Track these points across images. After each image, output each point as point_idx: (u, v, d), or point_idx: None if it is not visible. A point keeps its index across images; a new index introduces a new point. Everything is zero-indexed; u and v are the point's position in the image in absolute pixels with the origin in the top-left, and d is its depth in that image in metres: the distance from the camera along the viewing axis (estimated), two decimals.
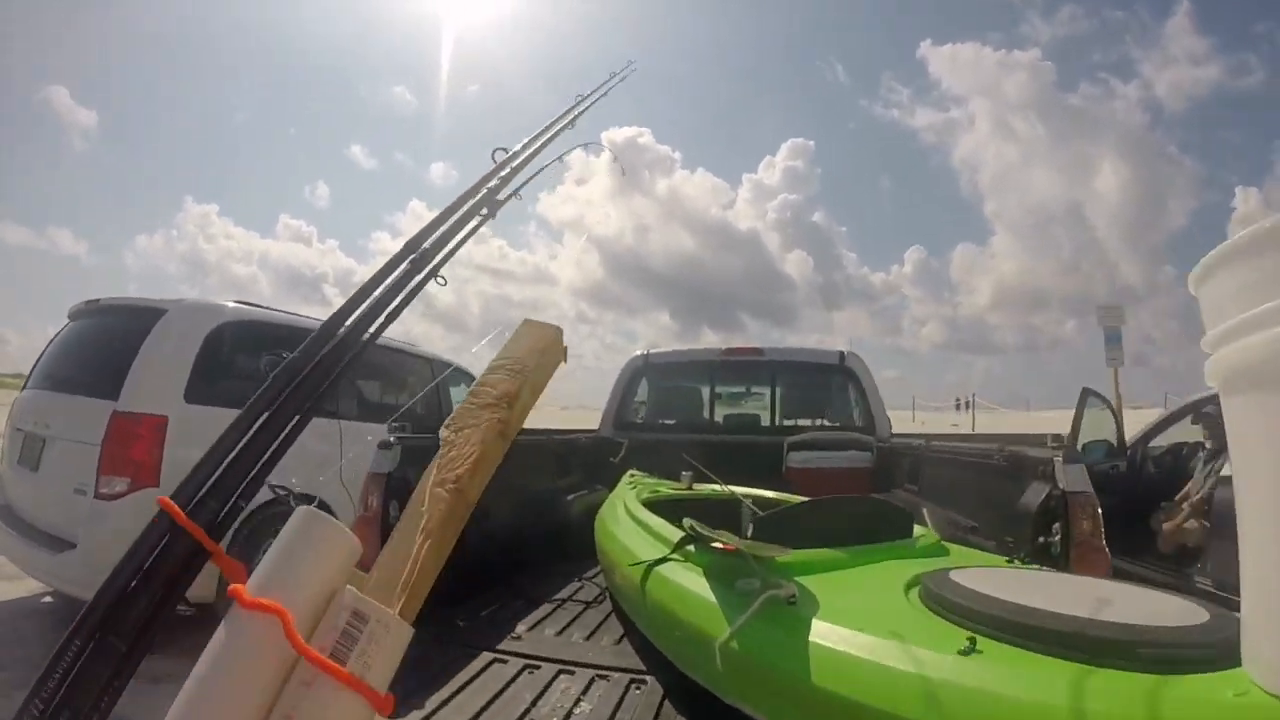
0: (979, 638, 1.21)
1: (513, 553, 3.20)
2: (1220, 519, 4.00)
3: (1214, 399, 5.00)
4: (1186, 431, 5.21)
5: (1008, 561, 1.97)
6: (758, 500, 2.96)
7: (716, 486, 3.28)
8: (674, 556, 1.96)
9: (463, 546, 0.92)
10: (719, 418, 5.37)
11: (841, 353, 5.12)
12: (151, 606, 0.73)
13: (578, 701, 1.84)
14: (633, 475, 3.82)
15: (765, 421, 5.40)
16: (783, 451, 4.63)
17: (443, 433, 0.97)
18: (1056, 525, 2.14)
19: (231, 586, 0.70)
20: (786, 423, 5.27)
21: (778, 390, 5.34)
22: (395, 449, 2.60)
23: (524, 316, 1.13)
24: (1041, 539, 2.16)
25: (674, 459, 3.76)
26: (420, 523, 0.85)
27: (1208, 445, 4.77)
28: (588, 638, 2.35)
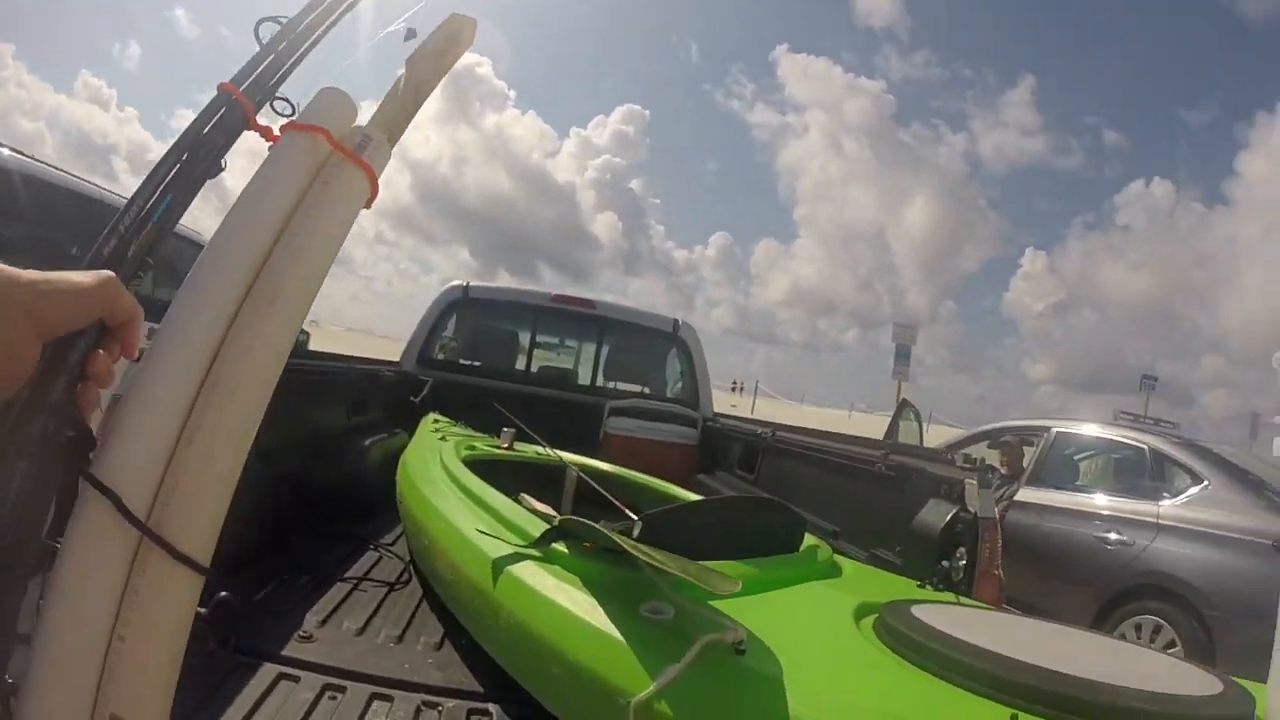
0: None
1: (293, 509, 2.51)
2: (1009, 543, 4.23)
3: (1013, 430, 5.42)
4: (981, 453, 5.50)
5: (919, 586, 1.80)
6: (588, 471, 2.64)
7: (540, 449, 2.91)
8: (531, 552, 1.53)
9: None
10: (535, 368, 4.96)
11: (676, 320, 4.88)
12: None
13: None
14: (437, 421, 3.33)
15: (584, 380, 5.10)
16: (602, 415, 4.36)
17: None
18: (962, 550, 2.00)
19: None
20: (607, 384, 4.99)
21: (603, 349, 5.03)
22: None
23: None
24: (944, 562, 2.01)
25: (481, 407, 3.38)
26: None
27: (1003, 471, 5.05)
28: (399, 639, 1.80)
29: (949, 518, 2.10)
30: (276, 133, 0.74)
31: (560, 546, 1.50)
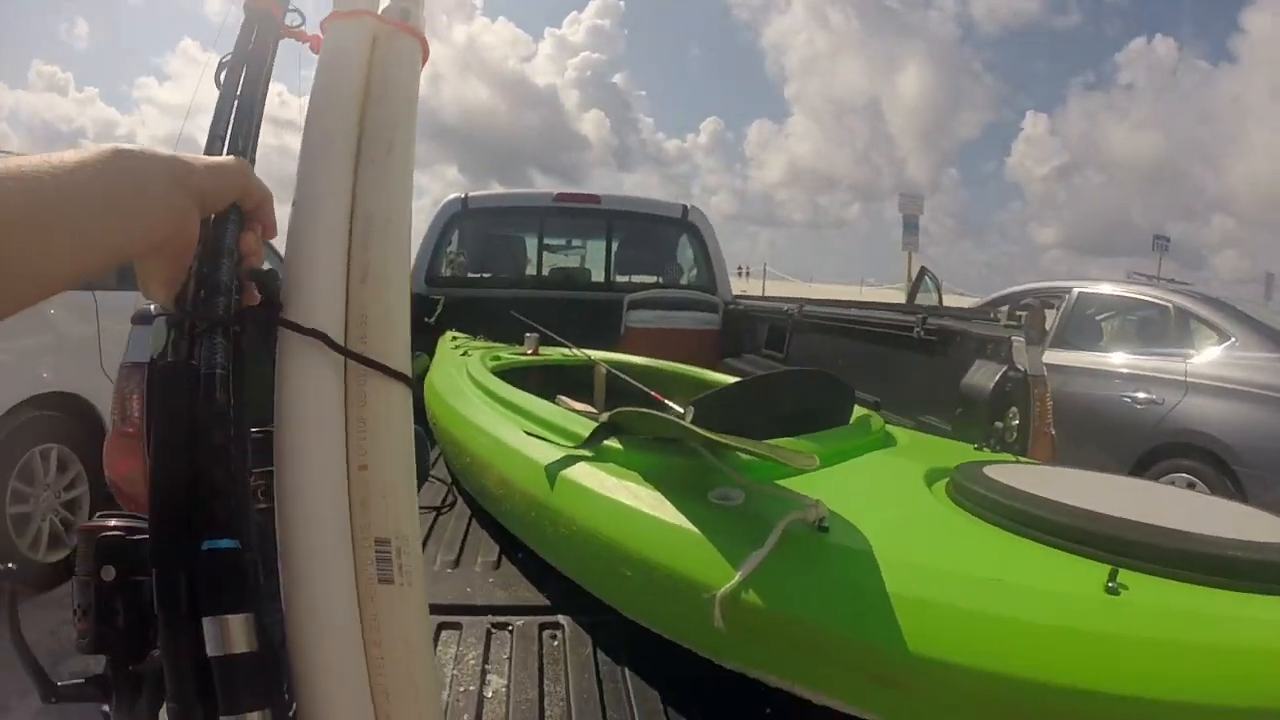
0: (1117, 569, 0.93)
1: None
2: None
3: (1034, 293, 5.37)
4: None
5: (976, 449, 1.74)
6: (618, 365, 2.62)
7: (566, 351, 2.87)
8: (583, 453, 1.47)
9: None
10: (546, 271, 4.91)
11: (685, 206, 4.75)
12: None
13: (485, 673, 1.27)
14: (455, 338, 3.29)
15: (598, 277, 5.04)
16: (621, 310, 4.32)
17: None
18: (1014, 409, 1.99)
19: None
20: (622, 279, 4.94)
21: (613, 244, 4.93)
22: (160, 324, 1.84)
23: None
24: (998, 424, 2.01)
25: (498, 318, 3.34)
26: None
27: None
28: (455, 563, 1.73)
29: (998, 377, 2.09)
30: (313, 33, 0.78)
31: (613, 443, 1.45)
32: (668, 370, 2.84)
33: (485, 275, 4.82)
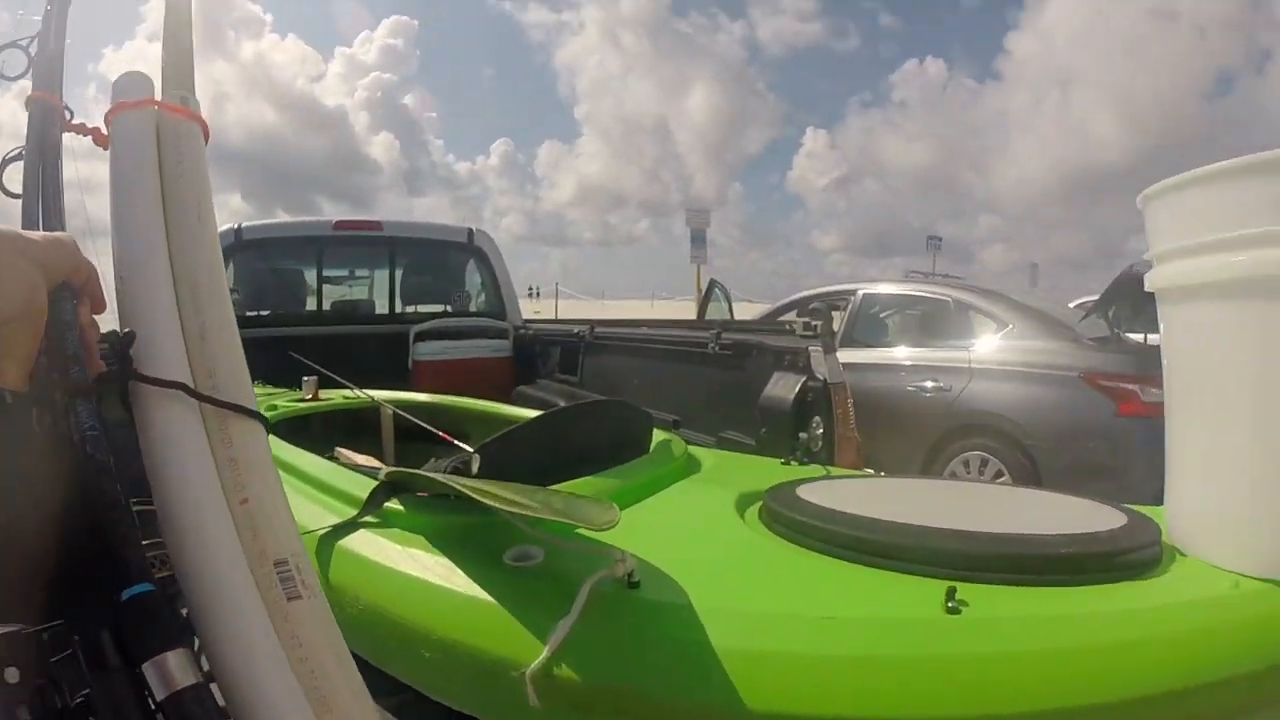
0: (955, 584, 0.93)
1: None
2: None
3: (820, 296, 5.54)
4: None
5: (783, 464, 1.72)
6: (403, 405, 2.45)
7: (348, 392, 2.66)
8: (368, 519, 1.31)
9: None
10: (328, 306, 4.55)
11: (470, 230, 4.60)
12: None
13: None
14: None
15: (383, 309, 4.76)
16: (408, 343, 4.09)
17: None
18: (817, 419, 1.98)
19: None
20: (408, 310, 4.71)
21: (397, 272, 4.70)
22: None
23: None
24: (803, 434, 2.00)
25: (275, 359, 3.05)
26: None
27: None
28: None
29: (798, 388, 2.10)
30: (94, 126, 0.81)
31: (395, 505, 1.31)
32: (458, 407, 2.68)
33: (263, 313, 4.41)
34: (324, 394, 2.70)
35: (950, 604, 0.87)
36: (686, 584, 0.97)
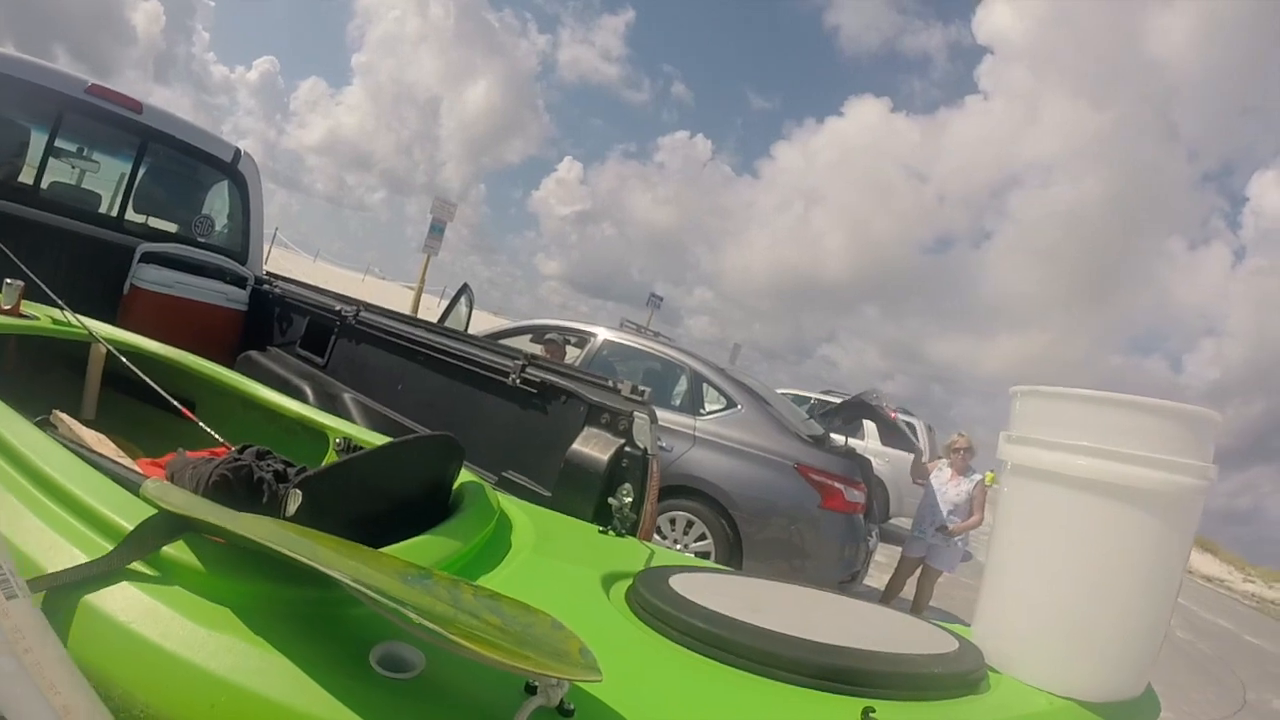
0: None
1: None
2: None
3: (558, 329, 5.69)
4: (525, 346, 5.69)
5: (601, 532, 1.67)
6: (127, 349, 2.01)
7: (59, 315, 2.09)
8: (144, 569, 0.90)
9: None
10: (45, 184, 3.62)
11: (238, 150, 4.04)
12: None
13: None
14: None
15: (108, 209, 3.98)
16: (130, 260, 3.53)
17: None
18: (628, 486, 1.85)
19: None
20: (136, 219, 3.95)
21: (140, 170, 3.90)
22: None
23: None
24: (611, 500, 1.83)
25: None
26: None
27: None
28: None
29: (614, 451, 2.02)
30: None
31: (179, 552, 0.90)
32: (190, 367, 2.22)
33: None
34: (26, 307, 2.08)
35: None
36: (617, 708, 0.82)
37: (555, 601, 0.96)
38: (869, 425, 7.64)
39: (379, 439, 1.87)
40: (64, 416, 1.68)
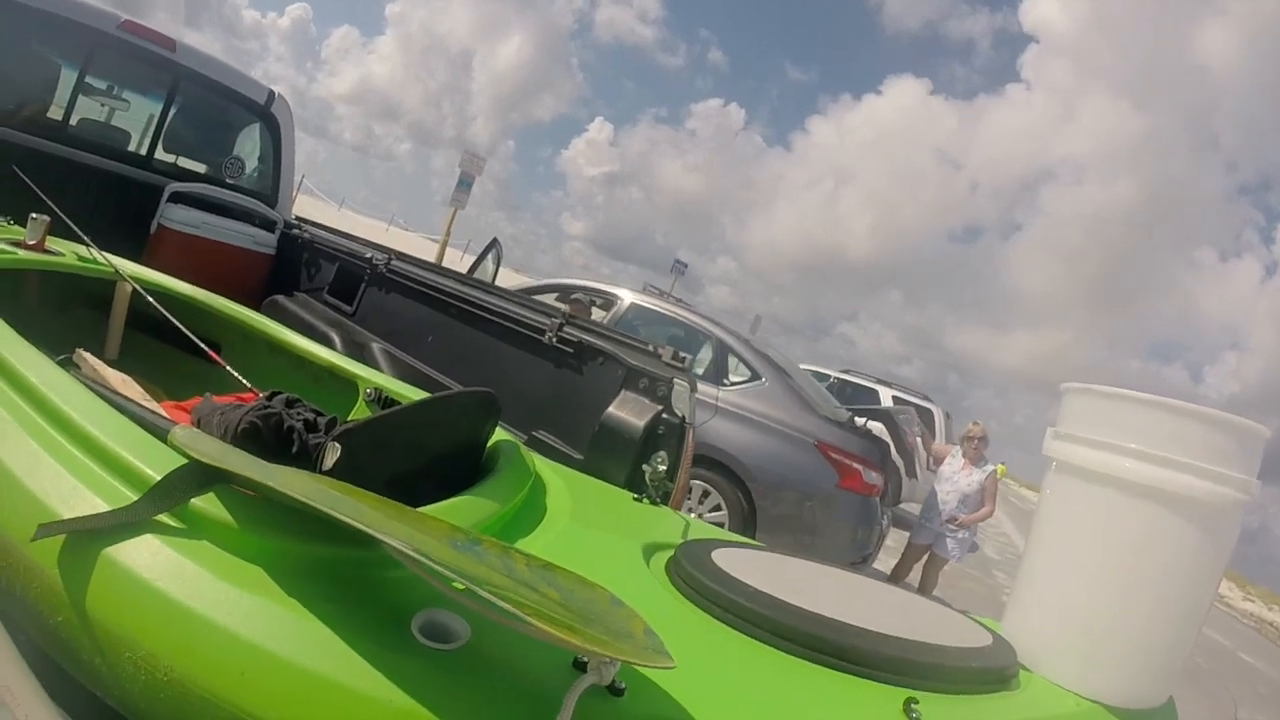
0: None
1: None
2: None
3: (585, 289, 5.66)
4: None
5: (635, 499, 1.66)
6: (152, 288, 2.02)
7: (84, 252, 2.09)
8: (171, 522, 0.86)
9: None
10: (75, 120, 3.58)
11: (272, 92, 4.00)
12: None
13: None
14: None
15: (136, 147, 3.95)
16: (158, 200, 3.49)
17: None
18: (663, 454, 1.84)
19: None
20: (166, 159, 3.94)
21: (171, 110, 3.87)
22: None
23: None
24: (645, 467, 1.82)
25: None
26: None
27: None
28: None
29: (651, 418, 1.99)
30: None
31: (208, 505, 0.86)
32: (217, 310, 2.19)
33: None
34: (52, 243, 2.08)
35: (912, 714, 0.91)
36: (666, 688, 0.80)
37: (598, 572, 0.92)
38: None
39: (411, 391, 1.88)
40: (87, 356, 1.66)
